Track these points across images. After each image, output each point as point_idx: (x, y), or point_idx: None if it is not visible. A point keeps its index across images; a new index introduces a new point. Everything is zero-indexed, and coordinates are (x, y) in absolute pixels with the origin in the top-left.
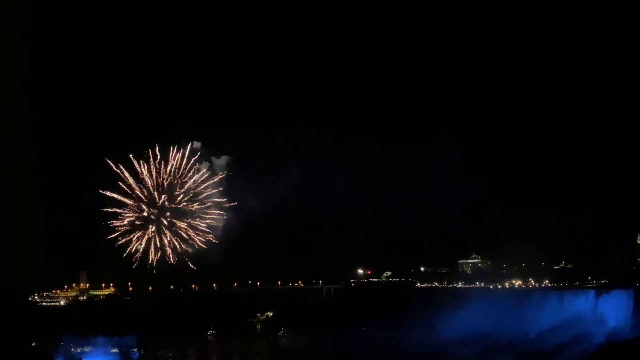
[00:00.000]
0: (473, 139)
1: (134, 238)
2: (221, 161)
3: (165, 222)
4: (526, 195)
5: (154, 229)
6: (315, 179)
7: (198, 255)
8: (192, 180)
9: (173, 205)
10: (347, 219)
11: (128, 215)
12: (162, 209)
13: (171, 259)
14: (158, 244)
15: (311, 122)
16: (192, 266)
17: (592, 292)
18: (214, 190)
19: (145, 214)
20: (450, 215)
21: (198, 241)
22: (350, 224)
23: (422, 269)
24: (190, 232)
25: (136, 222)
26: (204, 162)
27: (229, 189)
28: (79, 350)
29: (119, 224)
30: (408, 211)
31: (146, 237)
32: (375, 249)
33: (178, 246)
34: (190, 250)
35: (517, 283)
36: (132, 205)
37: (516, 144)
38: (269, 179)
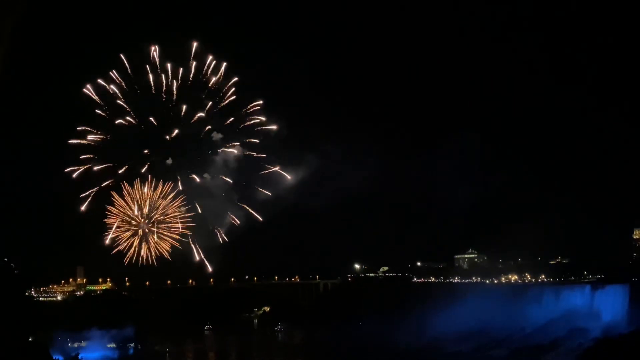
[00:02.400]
0: (484, 137)
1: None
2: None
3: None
4: (523, 191)
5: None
6: (322, 173)
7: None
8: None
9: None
10: (346, 214)
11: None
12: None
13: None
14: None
15: (323, 117)
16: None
17: (588, 287)
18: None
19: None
20: (449, 211)
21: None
22: (349, 219)
23: (418, 264)
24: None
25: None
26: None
27: (239, 180)
28: (75, 345)
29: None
30: (409, 206)
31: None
32: (372, 243)
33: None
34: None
35: (514, 278)
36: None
37: (516, 141)
38: (279, 171)
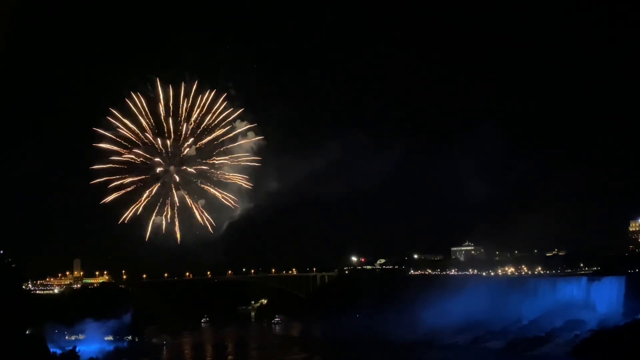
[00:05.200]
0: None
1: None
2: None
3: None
4: (520, 186)
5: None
6: (332, 166)
7: (194, 243)
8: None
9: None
10: (346, 208)
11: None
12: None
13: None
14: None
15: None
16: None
17: (584, 279)
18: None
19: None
20: (454, 204)
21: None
22: (348, 213)
23: (415, 256)
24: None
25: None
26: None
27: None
28: (72, 338)
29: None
30: (412, 200)
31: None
32: (369, 236)
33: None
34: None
35: (510, 270)
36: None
37: (523, 140)
38: (293, 163)
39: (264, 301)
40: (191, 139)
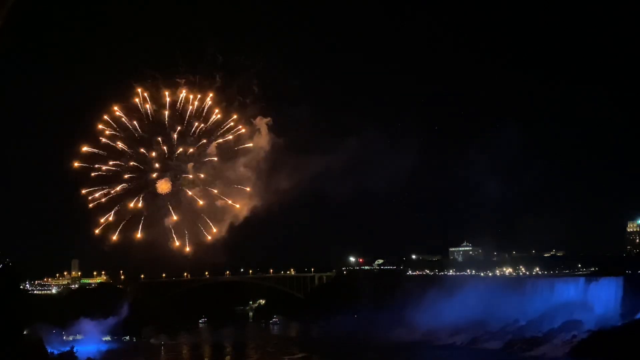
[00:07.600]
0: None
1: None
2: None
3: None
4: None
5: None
6: (343, 168)
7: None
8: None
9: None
10: (345, 209)
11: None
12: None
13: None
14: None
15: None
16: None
17: (582, 280)
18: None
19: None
20: (454, 207)
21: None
22: (347, 213)
23: (413, 256)
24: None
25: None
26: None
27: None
28: (70, 339)
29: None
30: (415, 203)
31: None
32: (368, 237)
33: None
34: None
35: (508, 270)
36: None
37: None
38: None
39: (262, 301)
40: (204, 140)
